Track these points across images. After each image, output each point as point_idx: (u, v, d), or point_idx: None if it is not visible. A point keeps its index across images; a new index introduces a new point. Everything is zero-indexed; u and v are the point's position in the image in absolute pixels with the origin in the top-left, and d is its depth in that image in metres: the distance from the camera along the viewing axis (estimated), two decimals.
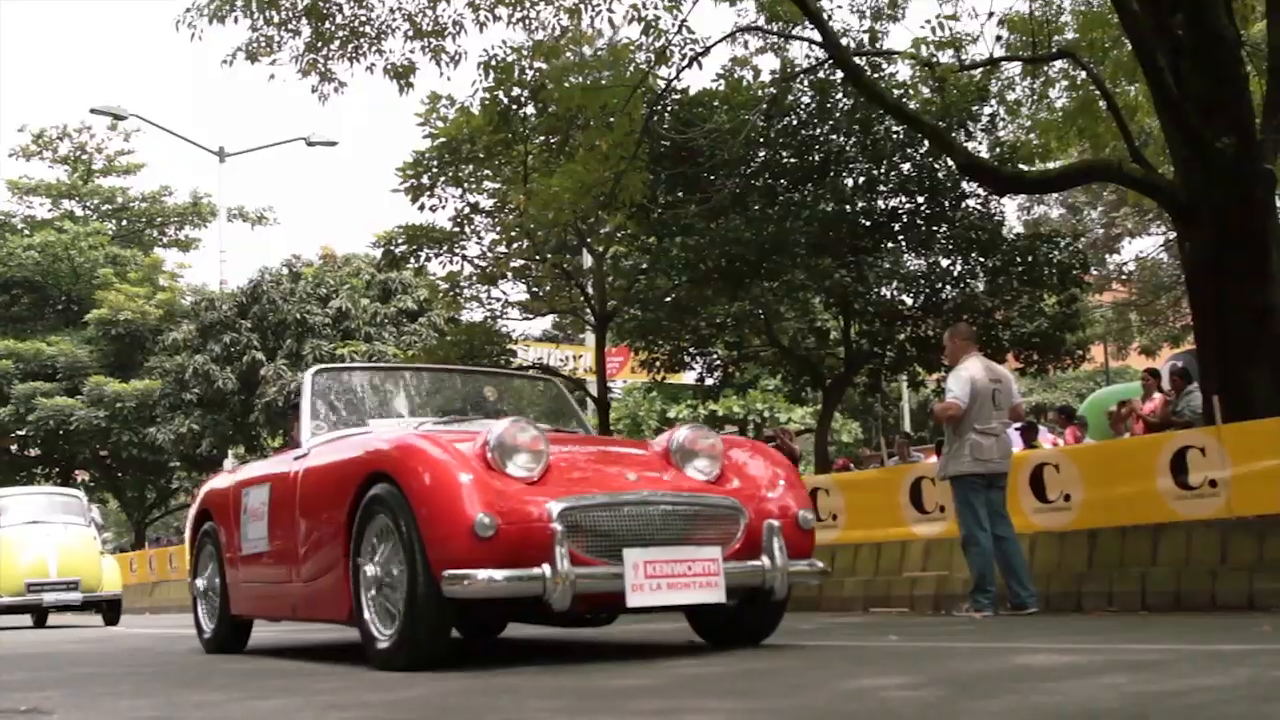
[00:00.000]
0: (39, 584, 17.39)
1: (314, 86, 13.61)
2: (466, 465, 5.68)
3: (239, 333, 31.07)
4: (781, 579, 5.97)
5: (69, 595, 17.57)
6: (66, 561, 17.76)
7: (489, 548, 5.38)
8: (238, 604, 8.03)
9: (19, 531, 18.03)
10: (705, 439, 6.52)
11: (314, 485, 6.84)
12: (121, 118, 34.62)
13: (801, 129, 17.21)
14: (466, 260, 20.62)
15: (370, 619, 5.94)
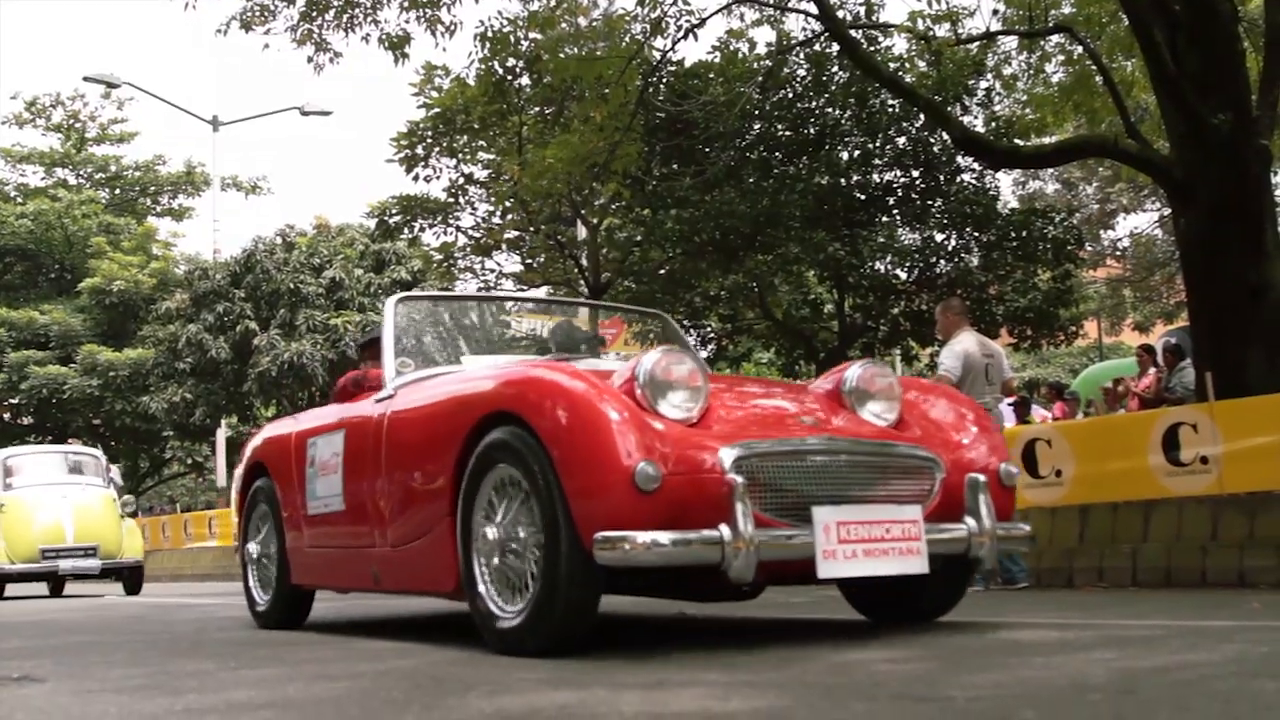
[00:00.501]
0: (55, 550, 16.24)
1: (309, 56, 13.58)
2: (618, 401, 4.64)
3: (232, 302, 30.99)
4: (990, 546, 5.05)
5: (87, 562, 16.39)
6: (84, 526, 16.59)
7: (651, 504, 4.41)
8: (300, 572, 7.02)
9: (33, 493, 16.89)
10: (882, 377, 5.57)
11: (407, 431, 5.80)
12: (115, 86, 34.52)
13: (797, 102, 17.20)
14: (460, 231, 20.64)
15: (487, 592, 4.99)
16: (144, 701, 3.75)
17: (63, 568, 16.33)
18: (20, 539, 16.16)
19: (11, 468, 17.41)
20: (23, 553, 16.07)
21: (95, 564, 16.35)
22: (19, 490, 16.85)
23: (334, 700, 3.65)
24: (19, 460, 17.90)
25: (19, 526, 16.26)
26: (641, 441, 4.50)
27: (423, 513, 5.53)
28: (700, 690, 3.55)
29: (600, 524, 4.42)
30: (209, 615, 9.47)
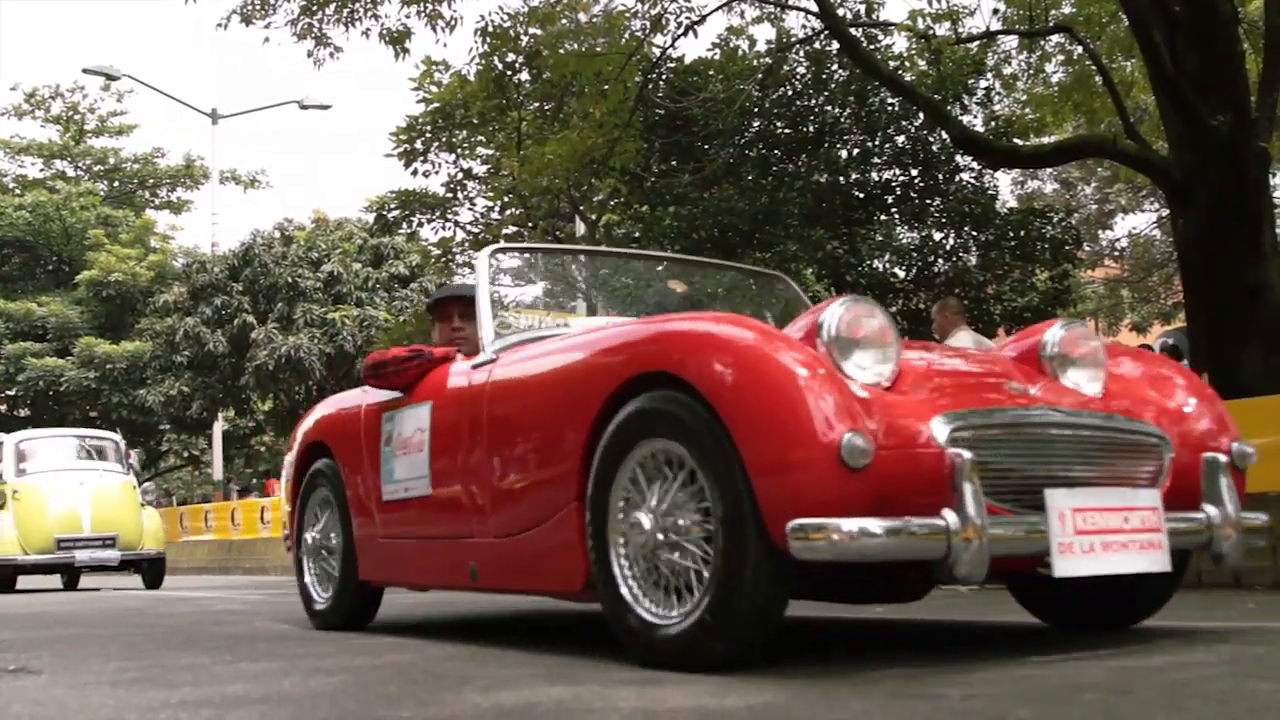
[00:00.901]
0: (71, 540, 15.33)
1: (309, 51, 13.59)
2: (809, 358, 3.77)
3: (230, 295, 31.00)
4: (1236, 539, 4.23)
5: (105, 553, 15.49)
6: (102, 514, 15.68)
7: (859, 485, 3.57)
8: (372, 566, 6.16)
9: (48, 479, 15.91)
10: (1086, 340, 4.64)
11: (518, 400, 4.97)
12: (114, 78, 34.58)
13: (796, 99, 17.19)
14: (459, 226, 20.63)
15: (631, 593, 4.13)
16: (139, 694, 3.75)
17: (79, 559, 15.47)
18: (34, 528, 15.29)
19: (25, 452, 16.46)
20: (37, 543, 15.22)
21: (114, 555, 15.53)
22: (33, 476, 15.93)
23: (329, 694, 3.65)
24: (33, 445, 16.91)
25: (33, 515, 15.38)
26: (845, 407, 3.65)
27: (540, 496, 4.71)
28: (695, 687, 3.55)
29: (794, 509, 3.58)
30: (205, 609, 9.48)
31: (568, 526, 4.48)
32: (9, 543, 15.14)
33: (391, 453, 5.88)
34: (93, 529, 15.44)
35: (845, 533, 3.48)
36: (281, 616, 7.96)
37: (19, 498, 15.49)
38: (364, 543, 6.16)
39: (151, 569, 16.13)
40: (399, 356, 5.91)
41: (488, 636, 5.74)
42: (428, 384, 5.74)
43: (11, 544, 15.13)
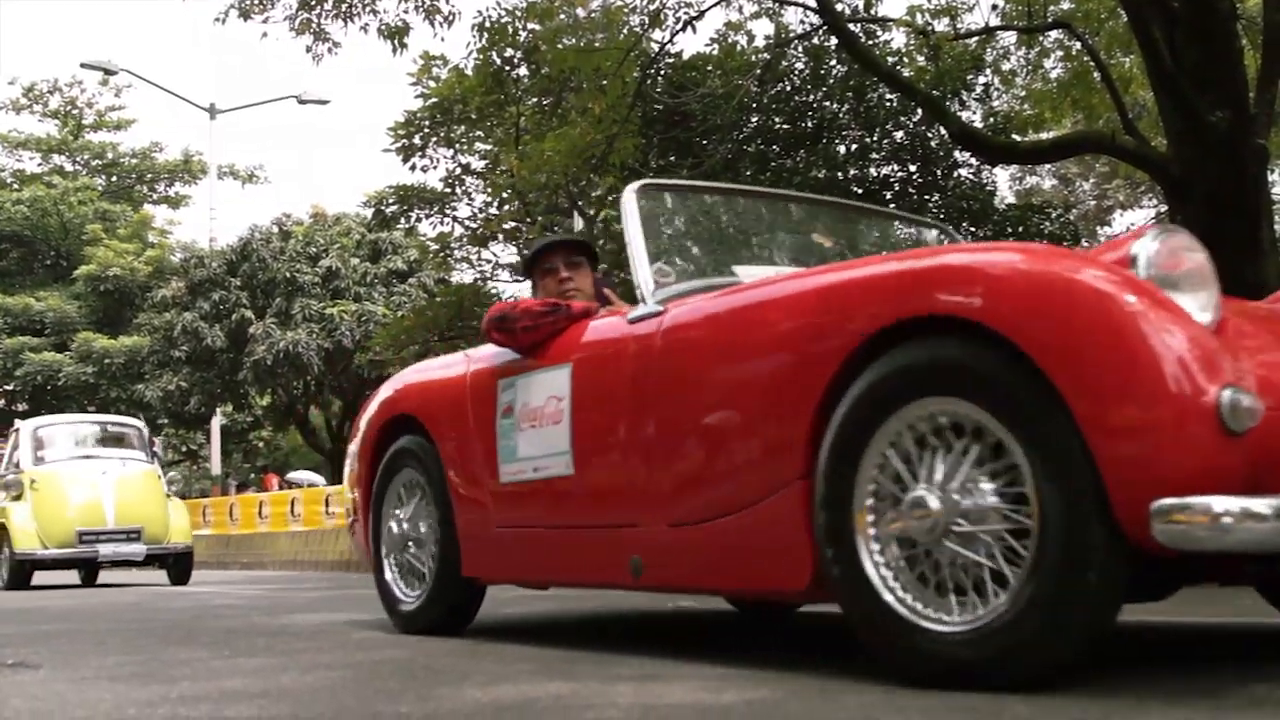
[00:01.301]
0: (93, 534, 14.27)
1: (308, 46, 13.57)
2: (1157, 298, 2.96)
3: (228, 290, 31.02)
4: None
5: (130, 548, 14.41)
6: (126, 505, 14.61)
7: (1237, 454, 2.81)
8: (479, 561, 5.22)
9: (68, 468, 14.93)
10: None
11: (710, 360, 4.06)
12: (112, 73, 34.58)
13: (795, 95, 17.19)
14: (457, 221, 20.65)
15: (892, 591, 3.34)
16: (138, 689, 3.75)
17: (103, 553, 14.42)
18: (54, 520, 14.28)
19: (43, 439, 15.51)
20: (57, 536, 14.20)
21: (139, 549, 14.43)
22: (52, 465, 14.96)
23: (328, 689, 3.65)
24: (51, 431, 15.93)
25: (52, 506, 14.41)
26: (1213, 356, 2.87)
27: (743, 475, 3.86)
28: (694, 683, 3.56)
29: (1159, 485, 2.79)
30: (203, 604, 9.48)
31: (788, 511, 3.65)
32: (27, 536, 14.19)
33: (513, 426, 4.92)
34: (116, 521, 14.42)
35: (1230, 514, 2.71)
36: (279, 611, 7.97)
37: (37, 488, 14.55)
38: (471, 534, 5.20)
39: (178, 564, 15.15)
40: (531, 309, 4.93)
41: (486, 632, 5.74)
42: (562, 344, 4.80)
43: (29, 537, 14.17)
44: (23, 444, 15.31)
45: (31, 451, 15.10)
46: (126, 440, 16.05)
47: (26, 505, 14.39)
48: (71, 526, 14.24)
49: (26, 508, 14.37)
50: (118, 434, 16.28)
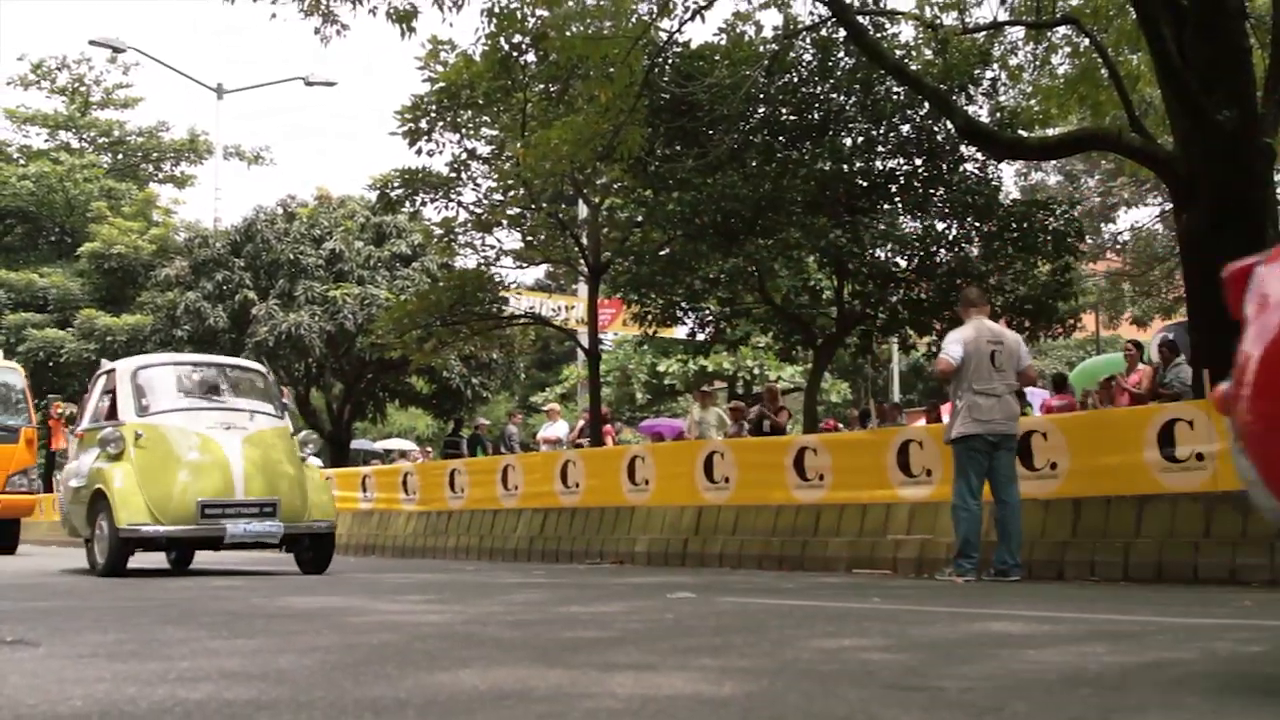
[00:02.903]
0: (218, 506, 10.86)
1: (316, 28, 13.52)
2: None
3: (232, 271, 31.02)
4: None
5: (264, 525, 11.01)
6: (258, 471, 11.21)
7: None
8: None
9: (183, 420, 11.43)
10: None
11: None
12: (120, 50, 34.52)
13: (802, 87, 17.16)
14: (462, 206, 20.60)
15: None
16: (137, 667, 3.76)
17: (231, 532, 10.89)
18: (168, 488, 10.85)
19: (148, 384, 11.86)
20: (175, 509, 10.75)
21: (275, 527, 11.07)
22: (162, 416, 11.44)
23: (325, 672, 3.66)
24: (156, 374, 12.22)
25: (164, 469, 10.98)
26: None
27: None
28: (693, 674, 3.56)
29: None
30: (202, 584, 9.50)
31: None
32: (133, 507, 10.71)
33: None
34: (247, 491, 11.05)
35: None
36: (276, 593, 7.97)
37: (144, 445, 11.08)
38: None
39: (317, 548, 11.69)
40: None
41: (482, 618, 5.75)
42: None
43: (137, 508, 10.71)
44: (121, 389, 11.79)
45: (133, 399, 11.57)
46: (250, 387, 12.66)
47: (128, 468, 10.95)
48: (191, 497, 10.82)
49: (128, 471, 10.93)
50: (239, 379, 12.80)
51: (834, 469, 11.80)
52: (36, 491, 19.92)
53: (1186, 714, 2.80)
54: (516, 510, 15.54)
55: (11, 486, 18.18)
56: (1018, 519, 9.30)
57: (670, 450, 15.42)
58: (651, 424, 32.38)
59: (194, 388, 12.22)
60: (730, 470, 12.73)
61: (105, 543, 10.96)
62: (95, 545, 11.23)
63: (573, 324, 27.46)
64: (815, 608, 6.50)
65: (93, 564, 11.50)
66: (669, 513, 13.26)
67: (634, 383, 38.75)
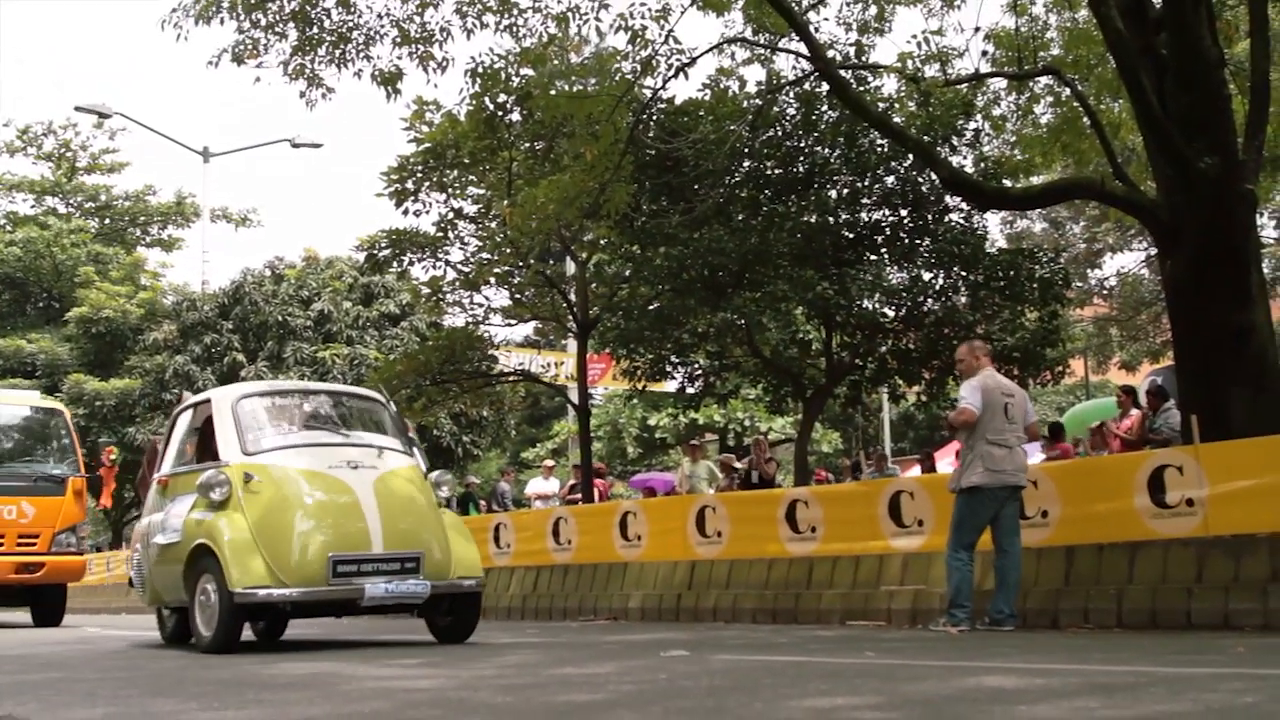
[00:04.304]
0: (353, 562, 8.89)
1: (301, 92, 13.58)
2: None
3: (220, 333, 31.06)
4: None
5: (408, 585, 8.96)
6: (396, 520, 9.23)
7: None
8: None
9: (299, 459, 9.43)
10: None
11: None
12: (106, 116, 34.63)
13: (786, 140, 17.25)
14: (449, 265, 20.66)
15: None
16: None
17: (370, 594, 8.81)
18: (290, 541, 8.86)
19: (249, 417, 9.86)
20: (300, 567, 8.74)
21: (421, 586, 9.02)
22: (274, 455, 9.45)
23: None
24: (262, 404, 10.22)
25: (284, 519, 8.99)
26: None
27: None
28: None
29: None
30: (190, 651, 9.42)
31: None
32: (250, 566, 8.72)
33: None
34: (385, 543, 9.08)
35: None
36: (269, 657, 7.92)
37: (256, 489, 9.14)
38: None
39: (460, 611, 9.71)
40: None
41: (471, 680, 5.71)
42: None
43: (254, 567, 8.72)
44: (221, 423, 9.79)
45: (237, 435, 9.60)
46: (371, 419, 10.59)
47: (240, 518, 9.02)
48: (320, 550, 8.84)
49: (242, 521, 8.99)
50: (358, 409, 10.81)
51: (826, 521, 11.79)
52: (85, 552, 17.74)
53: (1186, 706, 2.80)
54: (509, 568, 15.49)
55: (58, 546, 15.76)
56: (1018, 570, 9.29)
57: (662, 505, 15.40)
58: (643, 478, 32.33)
59: (307, 420, 10.28)
60: (722, 524, 12.71)
61: (211, 611, 8.86)
62: (198, 614, 9.06)
63: (562, 380, 27.48)
64: (808, 664, 6.48)
65: (176, 636, 10.24)
66: (662, 568, 13.24)
67: (625, 437, 38.71)
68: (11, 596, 16.30)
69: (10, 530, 15.40)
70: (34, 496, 15.74)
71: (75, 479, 16.32)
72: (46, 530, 15.68)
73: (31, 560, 15.44)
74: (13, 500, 15.55)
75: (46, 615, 16.30)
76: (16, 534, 15.45)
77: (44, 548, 15.61)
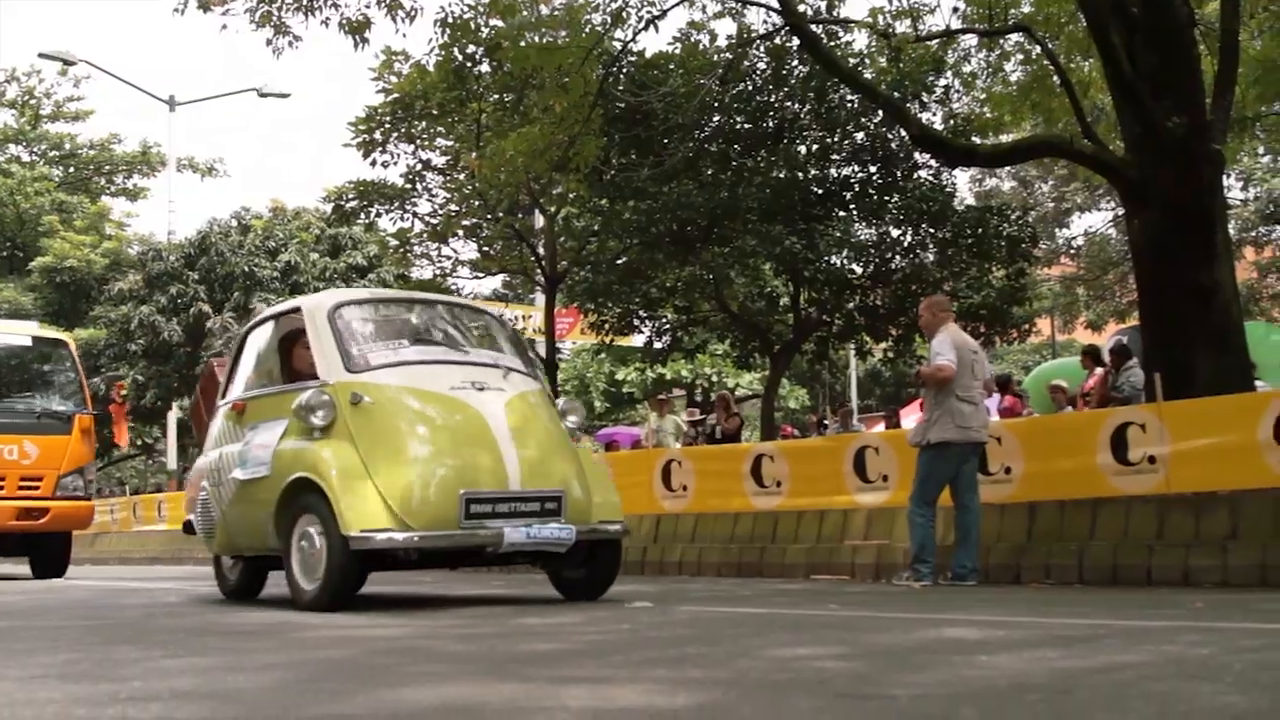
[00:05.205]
0: (489, 501, 7.37)
1: (268, 39, 13.44)
2: None
3: (186, 284, 30.87)
4: None
5: (549, 529, 7.45)
6: (534, 455, 7.70)
7: None
8: None
9: (416, 378, 7.84)
10: None
11: None
12: (71, 63, 34.26)
13: (756, 95, 17.23)
14: (417, 217, 20.60)
15: None
16: (88, 688, 3.73)
17: (510, 539, 7.27)
18: (410, 475, 7.25)
19: (351, 329, 8.12)
20: (425, 506, 7.16)
21: (565, 532, 7.49)
22: (387, 373, 7.81)
23: (277, 689, 3.64)
24: (363, 315, 8.52)
25: (402, 449, 7.40)
26: None
27: None
28: (647, 686, 3.56)
29: None
30: (157, 600, 9.40)
31: None
32: (367, 506, 7.14)
33: None
34: (523, 481, 7.53)
35: None
36: (232, 608, 7.91)
37: (367, 414, 7.52)
38: None
39: (599, 561, 8.17)
40: None
41: (434, 632, 5.72)
42: None
43: (372, 508, 7.15)
44: (318, 336, 8.08)
45: (338, 349, 7.92)
46: (488, 336, 8.95)
47: (350, 448, 7.42)
48: (449, 487, 7.26)
49: (351, 452, 7.39)
50: (474, 326, 9.06)
51: (791, 476, 11.81)
52: (93, 496, 15.70)
53: (1131, 716, 2.82)
54: None
55: (63, 490, 14.25)
56: (978, 524, 9.34)
57: (628, 459, 15.41)
58: (608, 432, 32.40)
59: (417, 335, 8.65)
60: (688, 478, 12.73)
61: (315, 559, 7.28)
62: (296, 564, 7.46)
63: (530, 333, 27.46)
64: (772, 616, 6.51)
65: (241, 588, 8.99)
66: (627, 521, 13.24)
67: (592, 391, 38.75)
68: (13, 546, 14.99)
69: (11, 472, 13.90)
70: (37, 435, 14.22)
71: (82, 416, 14.87)
72: (51, 472, 14.21)
73: (35, 505, 13.98)
74: (14, 439, 14.04)
75: (48, 566, 14.96)
76: (18, 476, 13.96)
77: (48, 492, 14.13)
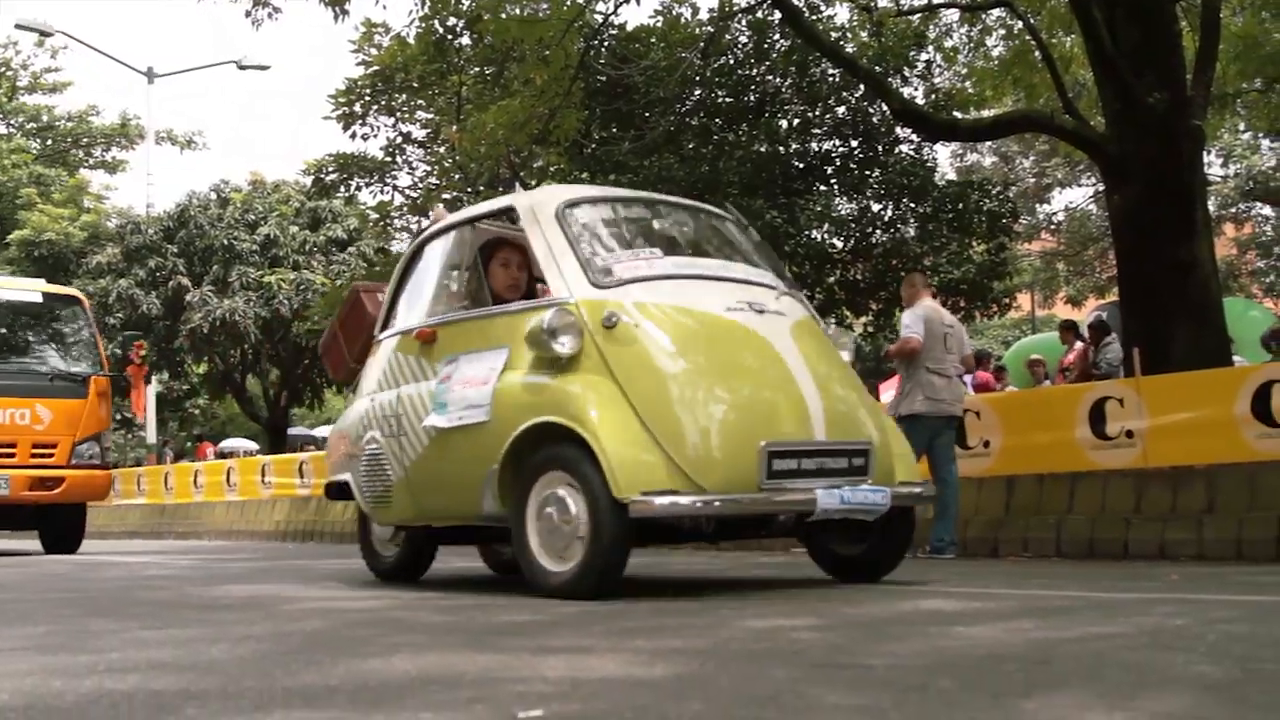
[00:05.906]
0: (792, 455, 5.67)
1: (247, 11, 13.39)
2: None
3: (165, 258, 30.69)
4: None
5: (862, 492, 5.79)
6: (835, 397, 5.98)
7: None
8: None
9: (684, 297, 6.04)
10: None
11: None
12: (48, 34, 34.00)
13: (738, 69, 17.21)
14: (397, 190, 20.53)
15: None
16: (65, 659, 3.72)
17: (824, 505, 5.61)
18: (694, 422, 5.55)
19: (592, 235, 6.44)
20: (716, 465, 5.49)
21: (880, 495, 5.89)
22: (641, 290, 5.99)
23: (257, 661, 3.64)
24: (600, 216, 6.74)
25: (678, 387, 5.66)
26: None
27: None
28: (625, 656, 3.57)
29: None
30: (135, 574, 9.40)
31: None
32: (646, 464, 5.48)
33: None
34: (828, 430, 5.84)
35: None
36: (212, 581, 7.91)
37: (627, 340, 5.83)
38: None
39: (893, 529, 6.39)
40: None
41: (413, 604, 5.73)
42: None
43: (652, 465, 5.49)
44: (551, 240, 6.30)
45: (576, 257, 6.16)
46: (739, 250, 7.02)
47: (609, 385, 5.75)
48: (746, 437, 5.61)
49: (614, 391, 5.73)
50: (718, 232, 7.22)
51: None
52: (112, 465, 15.27)
53: (1106, 685, 2.84)
54: None
55: (78, 458, 13.43)
56: (956, 498, 9.39)
57: None
58: None
59: (667, 243, 6.85)
60: None
61: (570, 530, 5.65)
62: (534, 536, 5.86)
63: None
64: (752, 588, 6.53)
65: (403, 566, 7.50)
66: None
67: None
68: (24, 519, 14.12)
69: (23, 438, 13.10)
70: (50, 399, 13.35)
71: (99, 378, 13.95)
72: (66, 439, 13.38)
73: (49, 474, 13.21)
74: (26, 403, 13.19)
75: (60, 540, 14.15)
76: (30, 443, 13.15)
77: (63, 460, 13.32)
